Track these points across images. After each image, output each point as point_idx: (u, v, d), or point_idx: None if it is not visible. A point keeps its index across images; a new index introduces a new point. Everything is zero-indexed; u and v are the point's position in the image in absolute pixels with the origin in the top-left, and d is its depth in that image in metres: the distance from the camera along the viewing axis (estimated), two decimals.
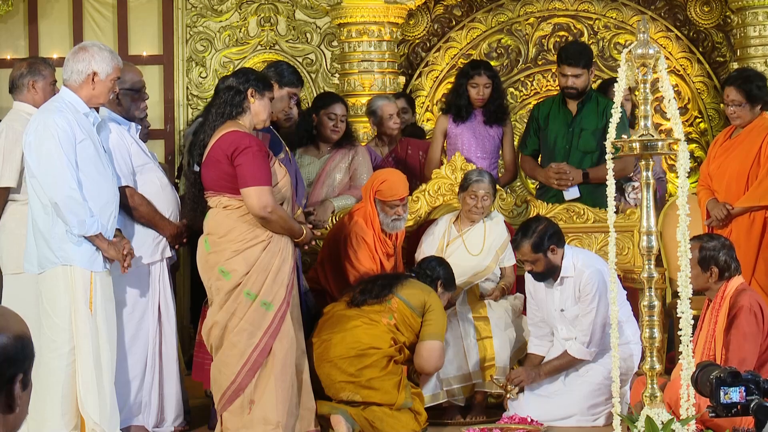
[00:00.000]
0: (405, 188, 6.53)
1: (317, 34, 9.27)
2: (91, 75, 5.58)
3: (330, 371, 6.05)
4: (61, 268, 5.50)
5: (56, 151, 5.44)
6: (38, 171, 5.49)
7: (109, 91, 5.66)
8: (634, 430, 4.45)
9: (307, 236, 5.88)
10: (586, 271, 6.15)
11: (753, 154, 6.65)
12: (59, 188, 5.42)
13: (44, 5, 9.24)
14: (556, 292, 6.24)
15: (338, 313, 6.21)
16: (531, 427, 6.04)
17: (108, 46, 5.80)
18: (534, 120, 7.58)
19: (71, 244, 5.48)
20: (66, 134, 5.46)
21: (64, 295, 5.49)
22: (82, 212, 5.43)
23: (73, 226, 5.44)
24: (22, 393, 2.22)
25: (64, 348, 5.47)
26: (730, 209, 6.66)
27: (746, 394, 3.19)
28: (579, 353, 6.20)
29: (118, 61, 5.70)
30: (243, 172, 5.60)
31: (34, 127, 5.53)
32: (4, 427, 2.19)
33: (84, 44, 5.80)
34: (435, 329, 6.15)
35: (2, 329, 2.20)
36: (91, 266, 5.51)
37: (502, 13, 9.26)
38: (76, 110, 5.56)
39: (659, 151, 4.53)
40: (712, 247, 5.54)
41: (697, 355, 5.44)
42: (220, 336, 5.69)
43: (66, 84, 5.63)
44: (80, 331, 5.47)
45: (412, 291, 6.18)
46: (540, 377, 6.28)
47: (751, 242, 6.51)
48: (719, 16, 9.06)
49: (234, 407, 5.66)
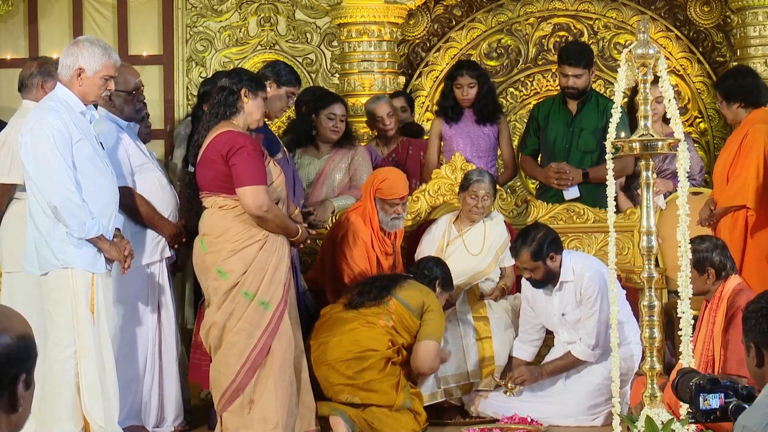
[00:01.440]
0: (405, 187, 6.54)
1: (317, 34, 9.26)
2: (78, 71, 5.39)
3: (328, 374, 6.05)
4: (62, 271, 5.37)
5: (52, 153, 5.27)
6: (35, 174, 5.34)
7: (99, 88, 5.43)
8: (634, 430, 4.45)
9: (303, 235, 5.89)
10: (586, 273, 6.15)
11: (733, 154, 6.66)
12: (57, 191, 5.28)
13: (44, 5, 9.24)
14: (555, 297, 6.24)
15: (335, 315, 6.20)
16: (531, 427, 6.05)
17: (104, 42, 5.58)
18: (534, 120, 7.58)
19: (72, 246, 5.35)
20: (61, 135, 5.29)
21: (65, 298, 5.39)
22: (81, 214, 5.30)
23: (73, 229, 5.31)
24: (25, 393, 2.22)
25: (68, 350, 5.38)
26: (713, 209, 6.67)
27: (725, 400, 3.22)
28: (583, 355, 6.21)
29: (110, 58, 5.45)
30: (238, 172, 5.60)
31: (29, 127, 5.36)
32: (8, 426, 2.19)
33: (78, 38, 5.60)
34: (432, 330, 6.14)
35: (5, 329, 2.20)
36: (92, 268, 5.41)
37: (502, 13, 9.26)
38: (71, 108, 5.38)
39: (659, 151, 4.54)
40: (705, 249, 5.54)
41: (696, 356, 5.45)
42: (219, 336, 5.69)
43: (59, 79, 5.48)
44: (82, 333, 5.39)
45: (411, 292, 6.18)
46: (542, 377, 6.28)
47: (734, 242, 6.49)
48: (719, 16, 9.06)
49: (234, 407, 5.66)
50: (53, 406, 5.41)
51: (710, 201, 6.74)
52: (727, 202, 6.60)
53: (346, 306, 6.20)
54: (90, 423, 5.41)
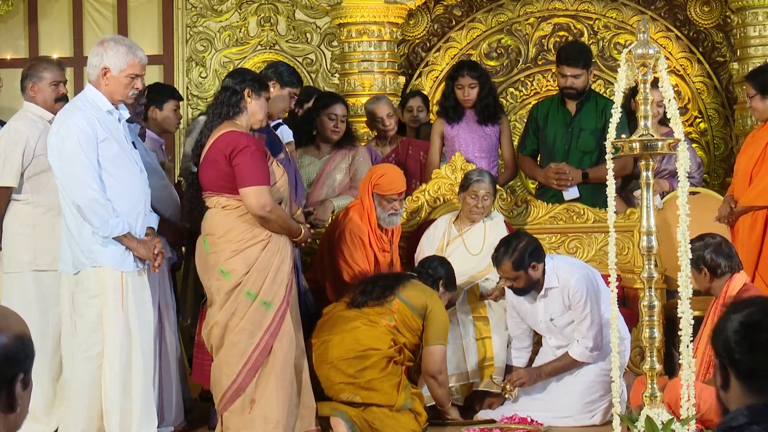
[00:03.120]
0: (403, 183, 6.54)
1: (317, 34, 9.27)
2: (103, 70, 5.45)
3: (329, 372, 6.05)
4: (92, 270, 5.40)
5: (76, 153, 5.31)
6: (60, 173, 5.40)
7: (126, 87, 5.47)
8: (634, 430, 4.45)
9: (305, 235, 5.89)
10: (572, 279, 6.14)
11: (759, 152, 6.65)
12: (81, 191, 5.32)
13: (44, 5, 9.25)
14: (539, 304, 6.24)
15: (338, 314, 6.21)
16: (531, 427, 6.04)
17: (129, 41, 5.63)
18: (533, 120, 7.58)
19: (99, 245, 5.38)
20: (86, 135, 5.33)
21: (95, 297, 5.40)
22: (105, 213, 5.32)
23: (97, 227, 5.34)
24: (22, 392, 2.22)
25: (93, 350, 5.39)
26: (733, 207, 6.68)
27: None
28: (581, 357, 6.21)
29: (135, 56, 5.48)
30: (241, 172, 5.60)
31: (56, 129, 5.43)
32: (5, 426, 2.19)
33: (105, 37, 5.67)
34: (436, 333, 6.14)
35: (2, 329, 2.20)
36: (121, 266, 5.41)
37: (502, 13, 9.26)
38: (98, 108, 5.43)
39: (659, 151, 4.53)
40: (698, 248, 5.54)
41: (698, 355, 5.45)
42: (221, 336, 5.69)
43: (88, 79, 5.55)
44: (109, 334, 5.38)
45: (414, 292, 6.18)
46: (541, 378, 6.28)
47: (753, 240, 6.54)
48: (719, 16, 9.06)
49: (235, 407, 5.66)
50: (77, 405, 5.39)
51: (729, 198, 6.75)
52: (749, 201, 6.61)
53: (348, 305, 6.19)
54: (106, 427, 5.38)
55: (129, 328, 5.43)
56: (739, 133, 8.41)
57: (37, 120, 6.06)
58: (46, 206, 5.99)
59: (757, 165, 6.65)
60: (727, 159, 8.96)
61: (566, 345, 6.26)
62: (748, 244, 6.56)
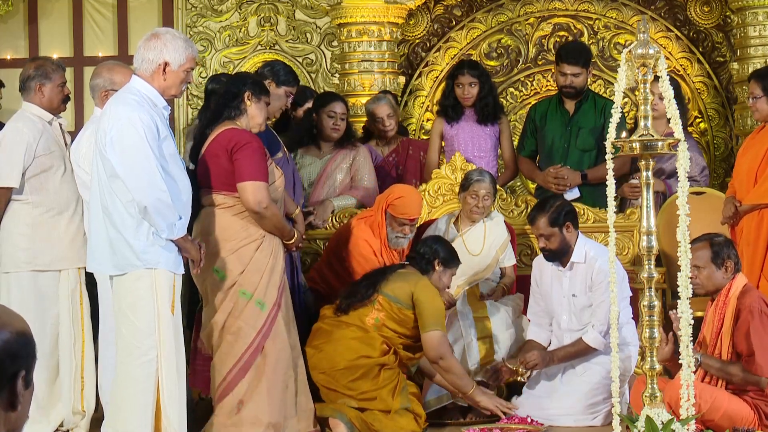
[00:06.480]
0: (418, 209, 6.51)
1: (317, 34, 9.27)
2: (163, 65, 5.20)
3: (324, 381, 6.04)
4: (145, 272, 5.15)
5: (144, 151, 5.05)
6: (124, 172, 5.07)
7: (182, 82, 5.26)
8: (634, 430, 4.45)
9: (297, 240, 5.93)
10: (598, 260, 6.14)
11: (763, 151, 6.65)
12: (149, 191, 5.04)
13: (44, 5, 9.25)
14: (565, 278, 6.24)
15: (328, 321, 6.16)
16: (531, 427, 6.04)
17: (183, 34, 5.43)
18: (531, 120, 7.58)
19: (158, 247, 5.14)
20: (152, 132, 5.08)
21: (148, 300, 5.17)
22: (171, 215, 5.11)
23: (162, 230, 5.10)
24: (24, 391, 2.22)
25: (149, 354, 5.18)
26: (739, 206, 6.68)
27: None
28: (595, 342, 6.20)
29: (193, 51, 5.28)
30: (240, 167, 5.60)
31: (115, 124, 5.10)
32: (6, 425, 2.18)
33: (157, 31, 5.34)
34: (429, 320, 6.03)
35: (4, 325, 2.20)
36: (175, 269, 5.22)
37: (502, 13, 9.26)
38: (154, 104, 5.18)
39: (659, 151, 4.53)
40: (721, 243, 5.52)
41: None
42: (219, 335, 5.70)
43: (137, 73, 5.26)
44: (164, 336, 5.19)
45: (397, 284, 6.11)
46: (554, 362, 6.27)
47: (760, 240, 6.53)
48: (719, 16, 9.06)
49: (224, 404, 5.66)
50: (130, 409, 5.21)
51: (731, 199, 6.73)
52: (756, 199, 6.61)
53: (336, 311, 6.15)
54: (167, 426, 5.23)
55: (179, 331, 5.28)
56: (739, 133, 8.42)
57: (37, 120, 6.05)
58: (46, 206, 5.99)
59: (762, 164, 6.64)
60: (727, 159, 8.96)
61: (578, 330, 6.25)
62: (754, 244, 6.55)
